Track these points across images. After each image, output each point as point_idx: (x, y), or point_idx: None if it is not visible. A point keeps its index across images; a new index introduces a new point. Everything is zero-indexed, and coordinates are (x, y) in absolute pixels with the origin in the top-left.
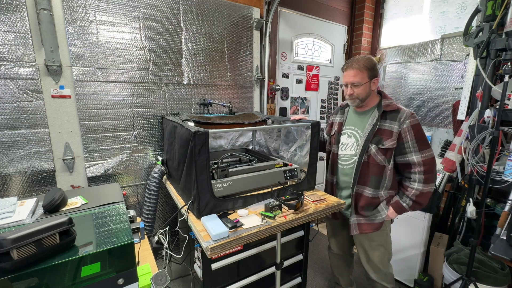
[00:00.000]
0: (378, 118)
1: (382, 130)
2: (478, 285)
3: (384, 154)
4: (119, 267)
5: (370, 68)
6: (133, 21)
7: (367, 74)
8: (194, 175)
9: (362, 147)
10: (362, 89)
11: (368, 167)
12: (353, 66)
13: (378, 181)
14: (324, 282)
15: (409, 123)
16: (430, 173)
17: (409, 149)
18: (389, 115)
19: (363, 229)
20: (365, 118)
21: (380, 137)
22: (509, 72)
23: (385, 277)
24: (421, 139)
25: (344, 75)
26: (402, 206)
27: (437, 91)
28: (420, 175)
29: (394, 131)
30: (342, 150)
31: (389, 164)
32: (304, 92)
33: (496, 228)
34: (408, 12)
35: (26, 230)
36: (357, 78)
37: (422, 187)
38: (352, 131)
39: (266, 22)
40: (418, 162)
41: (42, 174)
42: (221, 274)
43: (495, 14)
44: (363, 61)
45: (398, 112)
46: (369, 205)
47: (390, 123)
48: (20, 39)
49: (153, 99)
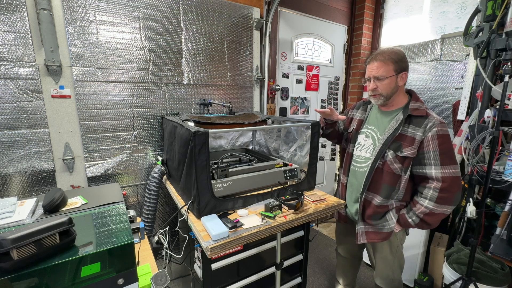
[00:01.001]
0: (401, 122)
1: (404, 136)
2: (478, 285)
3: (401, 163)
4: (119, 267)
5: (397, 61)
6: (133, 21)
7: (393, 67)
8: (194, 175)
9: (378, 151)
10: (387, 84)
11: (381, 175)
12: (377, 58)
13: (390, 191)
14: (324, 282)
15: (435, 131)
16: (448, 193)
17: (429, 161)
18: (415, 120)
19: (371, 238)
20: (387, 119)
21: (400, 143)
22: (509, 72)
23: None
24: (446, 152)
25: (367, 69)
26: (407, 221)
27: (437, 91)
28: (434, 192)
29: (417, 138)
30: (357, 151)
31: (405, 175)
32: (304, 92)
33: (496, 228)
34: (408, 12)
35: (26, 230)
36: (381, 71)
37: (433, 206)
38: (371, 131)
39: (266, 22)
40: (436, 178)
41: (42, 174)
42: (221, 274)
43: (495, 14)
44: (389, 53)
45: (426, 118)
46: (376, 214)
47: (414, 129)
48: (20, 39)
49: (153, 99)
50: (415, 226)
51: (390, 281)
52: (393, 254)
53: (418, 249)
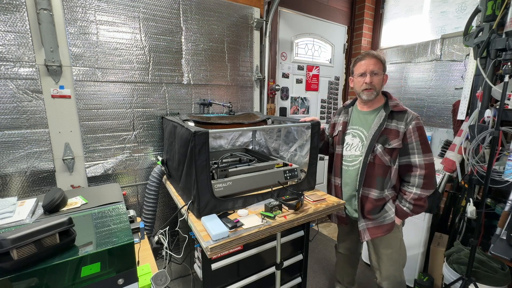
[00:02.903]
0: (385, 118)
1: (389, 129)
2: (478, 285)
3: (390, 154)
4: (119, 267)
5: (384, 62)
6: (133, 21)
7: (383, 67)
8: (194, 175)
9: (368, 146)
10: (380, 79)
11: (374, 168)
12: (373, 55)
13: (383, 182)
14: (324, 282)
15: (414, 124)
16: (430, 179)
17: (413, 151)
18: (396, 116)
19: (374, 233)
20: (370, 117)
21: (387, 136)
22: (509, 72)
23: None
24: (425, 142)
25: (362, 64)
26: (404, 210)
27: (437, 91)
28: (419, 179)
29: (401, 131)
30: (346, 151)
31: (394, 165)
32: (304, 92)
33: (496, 228)
34: (408, 12)
35: (26, 230)
36: (377, 67)
37: (420, 192)
38: (356, 131)
39: (266, 22)
40: (420, 165)
41: (42, 174)
42: (221, 274)
43: (495, 14)
44: (380, 54)
45: (405, 113)
46: (375, 207)
47: (397, 123)
48: (20, 39)
49: (153, 99)
50: (411, 213)
51: (397, 284)
52: (398, 250)
53: (418, 249)
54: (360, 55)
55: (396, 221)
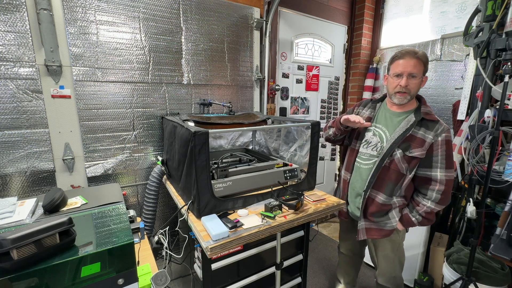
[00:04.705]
0: (413, 124)
1: (414, 137)
2: (478, 285)
3: (408, 163)
4: (119, 267)
5: (426, 63)
6: (133, 21)
7: (423, 69)
8: (194, 175)
9: (387, 150)
10: (417, 83)
11: (387, 172)
12: (414, 55)
13: (394, 188)
14: (325, 282)
15: (444, 136)
16: (447, 194)
17: (436, 164)
18: (426, 124)
19: (371, 234)
20: (398, 119)
21: (409, 143)
22: (509, 72)
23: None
24: (450, 157)
25: (400, 64)
26: (411, 220)
27: (437, 91)
28: (437, 194)
29: (427, 141)
30: (363, 148)
31: (410, 174)
32: (304, 92)
33: (496, 228)
34: (408, 12)
35: (26, 230)
36: (417, 69)
37: (434, 206)
38: (379, 130)
39: (266, 22)
40: (440, 180)
41: (42, 174)
42: (221, 274)
43: (495, 14)
44: (422, 53)
45: (436, 123)
46: (379, 211)
47: (425, 132)
48: (20, 39)
49: (153, 99)
50: (418, 224)
51: (392, 278)
52: (395, 252)
53: (418, 249)
54: (399, 52)
55: (399, 227)
